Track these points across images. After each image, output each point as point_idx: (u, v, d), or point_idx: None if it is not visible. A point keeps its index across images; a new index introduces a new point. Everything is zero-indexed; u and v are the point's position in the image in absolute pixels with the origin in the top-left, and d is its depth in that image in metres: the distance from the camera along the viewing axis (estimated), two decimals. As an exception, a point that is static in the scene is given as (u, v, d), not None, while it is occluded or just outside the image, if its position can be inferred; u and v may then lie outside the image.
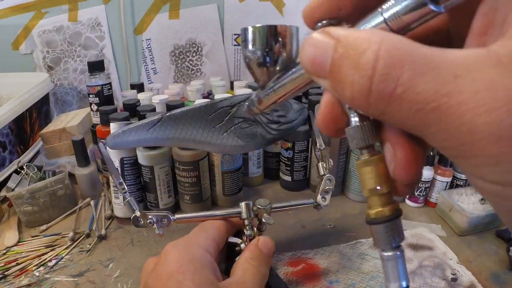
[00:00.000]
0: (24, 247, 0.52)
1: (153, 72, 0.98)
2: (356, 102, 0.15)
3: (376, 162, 0.18)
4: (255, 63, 0.27)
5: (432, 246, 0.50)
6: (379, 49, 0.14)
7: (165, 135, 0.42)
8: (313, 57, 0.16)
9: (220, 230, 0.38)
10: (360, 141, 0.18)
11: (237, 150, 0.45)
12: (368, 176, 0.18)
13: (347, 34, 0.15)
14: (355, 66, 0.14)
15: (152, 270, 0.32)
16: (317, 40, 0.16)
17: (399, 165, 0.17)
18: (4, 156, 0.64)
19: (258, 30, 0.27)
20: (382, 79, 0.13)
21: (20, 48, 0.92)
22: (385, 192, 0.18)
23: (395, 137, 0.17)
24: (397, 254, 0.18)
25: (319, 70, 0.16)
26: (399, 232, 0.18)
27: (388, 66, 0.13)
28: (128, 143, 0.41)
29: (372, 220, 0.18)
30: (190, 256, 0.32)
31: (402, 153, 0.17)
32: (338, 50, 0.15)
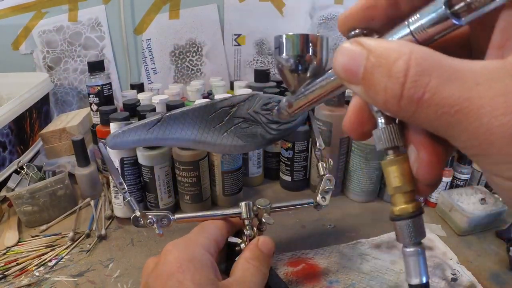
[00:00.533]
0: (24, 247, 0.52)
1: (153, 72, 0.98)
2: (388, 105, 0.16)
3: (400, 162, 0.19)
4: (287, 69, 0.29)
5: (432, 246, 0.50)
6: (410, 59, 0.15)
7: (165, 135, 0.42)
8: (346, 65, 0.17)
9: (221, 230, 0.38)
10: (386, 142, 0.19)
11: (237, 150, 0.45)
12: (393, 175, 0.19)
13: (378, 44, 0.16)
14: (387, 74, 0.16)
15: (152, 270, 0.32)
16: (350, 49, 0.17)
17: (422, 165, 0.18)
18: (4, 156, 0.64)
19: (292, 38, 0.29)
20: (412, 85, 0.15)
21: (20, 48, 0.92)
22: (409, 191, 0.19)
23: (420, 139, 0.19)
24: (419, 250, 0.19)
25: (352, 77, 0.17)
26: (421, 229, 0.19)
27: (417, 74, 0.15)
28: (128, 143, 0.41)
29: (396, 216, 0.19)
30: (190, 256, 0.32)
31: (426, 154, 0.18)
32: (370, 59, 0.16)
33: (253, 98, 0.45)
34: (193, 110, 0.43)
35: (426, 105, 0.15)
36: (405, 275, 0.20)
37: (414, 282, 0.19)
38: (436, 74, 0.15)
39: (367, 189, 0.61)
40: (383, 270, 0.46)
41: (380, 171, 0.60)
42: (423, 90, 0.15)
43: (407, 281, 0.19)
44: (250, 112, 0.45)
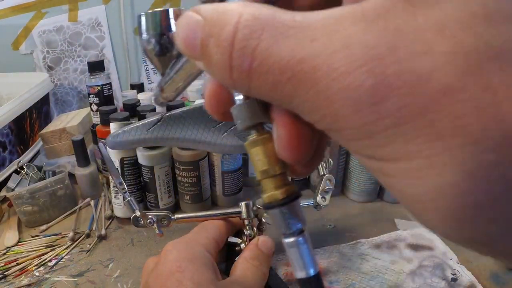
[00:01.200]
0: (24, 247, 0.52)
1: (153, 72, 0.98)
2: (224, 80, 0.14)
3: (264, 142, 0.16)
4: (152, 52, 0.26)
5: (432, 246, 0.50)
6: (238, 22, 0.12)
7: (165, 135, 0.42)
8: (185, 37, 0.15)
9: (220, 230, 0.38)
10: (245, 121, 0.16)
11: (237, 150, 0.45)
12: (257, 157, 0.17)
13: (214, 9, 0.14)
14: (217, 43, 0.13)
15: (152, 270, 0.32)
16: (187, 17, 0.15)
17: (281, 143, 0.15)
18: (4, 156, 0.64)
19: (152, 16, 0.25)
20: (239, 53, 0.12)
21: (20, 48, 0.92)
22: (277, 173, 0.16)
23: (278, 114, 0.15)
24: (299, 240, 0.17)
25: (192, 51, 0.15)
26: (297, 216, 0.16)
27: (245, 38, 0.12)
28: (128, 143, 0.41)
29: (266, 204, 0.17)
30: (190, 255, 0.32)
31: (284, 131, 0.15)
32: (205, 29, 0.14)
33: None
34: (193, 110, 0.43)
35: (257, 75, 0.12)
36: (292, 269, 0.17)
37: (299, 275, 0.17)
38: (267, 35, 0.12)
39: (367, 189, 0.61)
40: (383, 270, 0.46)
41: (380, 171, 0.60)
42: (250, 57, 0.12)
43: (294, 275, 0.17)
44: None
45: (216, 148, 0.44)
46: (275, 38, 0.12)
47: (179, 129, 0.42)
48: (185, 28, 0.14)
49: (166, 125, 0.42)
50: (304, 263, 0.17)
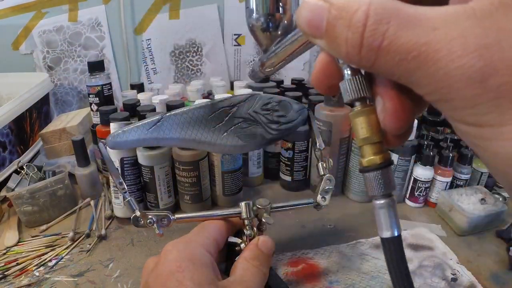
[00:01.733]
0: (24, 247, 0.52)
1: (153, 72, 0.98)
2: (350, 56, 0.17)
3: (367, 113, 0.19)
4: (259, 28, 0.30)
5: (432, 246, 0.50)
6: (368, 9, 0.15)
7: (165, 135, 0.42)
8: (309, 20, 0.17)
9: (221, 230, 0.38)
10: (352, 93, 0.19)
11: (237, 150, 0.45)
12: (361, 126, 0.19)
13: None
14: (348, 24, 0.16)
15: (152, 270, 0.32)
16: (312, 3, 0.17)
17: (388, 115, 0.18)
18: (4, 156, 0.64)
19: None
20: (371, 34, 0.15)
21: (20, 48, 0.92)
22: (376, 141, 0.19)
23: (385, 90, 0.19)
24: (389, 202, 0.19)
25: (316, 31, 0.17)
26: (390, 181, 0.19)
27: (376, 23, 0.15)
28: (128, 143, 0.41)
29: (364, 168, 0.19)
30: (190, 255, 0.32)
31: (391, 104, 0.18)
32: (332, 12, 0.16)
33: (253, 98, 0.45)
34: (193, 110, 0.43)
35: (385, 53, 0.15)
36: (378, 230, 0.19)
37: (385, 235, 0.19)
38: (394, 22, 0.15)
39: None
40: (383, 270, 0.46)
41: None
42: (381, 38, 0.15)
43: (379, 235, 0.19)
44: (250, 112, 0.45)
45: (216, 148, 0.44)
46: (402, 25, 0.15)
47: (179, 129, 0.42)
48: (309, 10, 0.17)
49: (166, 125, 0.42)
50: (391, 224, 0.19)
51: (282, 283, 0.41)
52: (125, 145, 0.41)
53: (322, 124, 0.59)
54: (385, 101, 0.18)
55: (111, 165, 0.41)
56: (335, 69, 0.20)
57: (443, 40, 0.14)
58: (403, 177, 0.59)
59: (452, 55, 0.14)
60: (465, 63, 0.13)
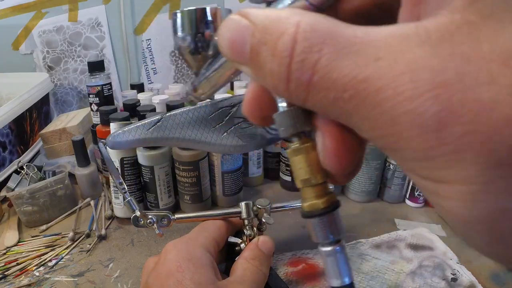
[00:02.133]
0: (24, 247, 0.52)
1: (153, 72, 0.98)
2: (277, 90, 0.14)
3: (306, 151, 0.16)
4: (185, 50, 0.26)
5: (432, 246, 0.50)
6: (296, 33, 0.12)
7: (165, 135, 0.42)
8: (231, 42, 0.14)
9: (221, 230, 0.38)
10: (288, 128, 0.16)
11: (237, 150, 0.45)
12: (299, 166, 0.16)
13: (265, 16, 0.13)
14: (272, 53, 0.13)
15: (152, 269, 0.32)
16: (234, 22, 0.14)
17: (328, 154, 0.15)
18: (4, 156, 0.64)
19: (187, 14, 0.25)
20: (299, 66, 0.12)
21: (20, 48, 0.92)
22: (319, 183, 0.16)
23: (325, 124, 0.15)
24: (337, 249, 0.17)
25: (239, 56, 0.14)
26: (337, 226, 0.17)
27: (304, 51, 0.12)
28: (128, 143, 0.41)
29: (306, 213, 0.17)
30: (190, 255, 0.32)
31: (331, 141, 0.15)
32: (255, 35, 0.14)
33: None
34: (193, 110, 0.43)
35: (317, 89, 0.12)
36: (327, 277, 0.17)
37: (335, 284, 0.17)
38: (328, 50, 0.12)
39: (367, 189, 0.61)
40: (383, 270, 0.46)
41: (380, 171, 0.60)
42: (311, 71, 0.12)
43: (329, 283, 0.17)
44: None
45: (216, 148, 0.44)
46: (337, 54, 0.12)
47: (179, 129, 0.42)
48: (232, 32, 0.14)
49: (166, 125, 0.42)
50: (340, 272, 0.17)
51: (282, 283, 0.41)
52: (125, 145, 0.41)
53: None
54: (325, 138, 0.15)
55: (111, 165, 0.41)
56: (268, 98, 0.17)
57: (387, 74, 0.11)
58: (403, 177, 0.59)
59: (399, 96, 0.11)
60: (416, 107, 0.11)
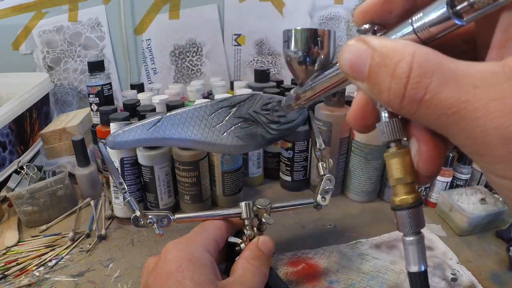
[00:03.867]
0: (24, 247, 0.52)
1: (153, 72, 0.98)
2: (391, 104, 0.17)
3: (402, 155, 0.20)
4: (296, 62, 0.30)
5: (432, 246, 0.50)
6: (412, 61, 0.16)
7: (165, 135, 0.42)
8: (352, 63, 0.18)
9: (221, 230, 0.38)
10: (389, 135, 0.20)
11: (237, 150, 0.45)
12: (395, 167, 0.20)
13: (383, 44, 0.17)
14: (391, 74, 0.17)
15: (152, 269, 0.32)
16: (355, 47, 0.18)
17: (422, 158, 0.19)
18: (4, 156, 0.64)
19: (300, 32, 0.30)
20: (414, 86, 0.16)
21: (20, 48, 0.92)
22: (409, 182, 0.20)
23: (421, 134, 0.19)
24: (418, 239, 0.20)
25: (357, 74, 0.18)
26: (420, 219, 0.20)
27: (419, 76, 0.16)
28: (128, 143, 0.41)
29: (397, 206, 0.20)
30: (190, 255, 0.32)
31: (426, 148, 0.19)
32: (375, 58, 0.17)
33: (253, 98, 0.45)
34: (193, 110, 0.43)
35: (426, 106, 0.16)
36: (405, 263, 0.20)
37: (413, 269, 0.20)
38: (437, 76, 0.15)
39: (367, 189, 0.61)
40: (383, 270, 0.46)
41: (380, 171, 0.60)
42: (424, 91, 0.16)
43: (406, 269, 0.20)
44: (250, 112, 0.45)
45: (216, 148, 0.44)
46: (444, 81, 0.15)
47: (179, 129, 0.42)
48: (353, 54, 0.18)
49: (166, 125, 0.42)
50: (419, 259, 0.20)
51: (282, 283, 0.41)
52: (125, 145, 0.41)
53: (322, 124, 0.59)
54: (421, 145, 0.19)
55: (111, 165, 0.41)
56: (372, 109, 0.21)
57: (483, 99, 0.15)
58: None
59: (490, 115, 0.14)
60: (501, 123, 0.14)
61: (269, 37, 0.96)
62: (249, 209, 0.40)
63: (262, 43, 0.96)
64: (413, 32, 0.18)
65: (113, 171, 0.40)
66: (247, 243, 0.38)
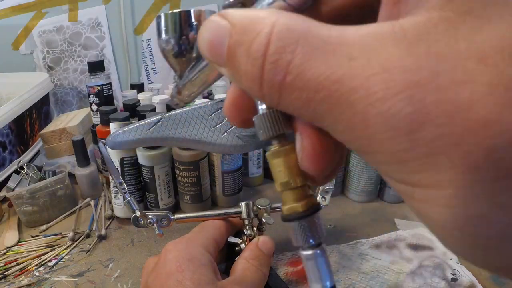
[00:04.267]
0: (24, 247, 0.52)
1: (153, 72, 0.98)
2: (252, 91, 0.14)
3: (285, 153, 0.16)
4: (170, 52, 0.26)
5: (432, 246, 0.50)
6: (271, 32, 0.12)
7: (165, 134, 0.42)
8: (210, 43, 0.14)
9: (220, 230, 0.38)
10: (267, 131, 0.16)
11: (237, 150, 0.45)
12: (278, 168, 0.16)
13: (243, 16, 0.13)
14: (247, 53, 0.13)
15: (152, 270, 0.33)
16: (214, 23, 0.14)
17: (305, 155, 0.15)
18: (4, 156, 0.64)
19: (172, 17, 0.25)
20: (272, 66, 0.12)
21: (20, 48, 0.92)
22: (298, 186, 0.16)
23: (302, 126, 0.15)
24: (317, 253, 0.16)
25: (217, 57, 0.14)
26: (317, 229, 0.16)
27: (278, 51, 0.12)
28: (128, 143, 0.41)
29: (286, 216, 0.17)
30: (189, 255, 0.32)
31: (309, 143, 0.15)
32: (233, 36, 0.13)
33: None
34: (193, 110, 0.43)
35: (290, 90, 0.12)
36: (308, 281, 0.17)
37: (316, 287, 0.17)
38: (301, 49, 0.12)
39: (367, 189, 0.61)
40: (383, 270, 0.46)
41: (380, 171, 0.60)
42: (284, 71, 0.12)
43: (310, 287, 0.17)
44: None
45: (216, 148, 0.44)
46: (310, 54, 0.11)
47: (179, 128, 0.42)
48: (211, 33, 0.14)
49: (166, 125, 0.42)
50: (321, 276, 0.17)
51: (282, 283, 0.41)
52: (125, 145, 0.41)
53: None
54: (303, 140, 0.15)
55: (111, 165, 0.41)
56: (248, 100, 0.17)
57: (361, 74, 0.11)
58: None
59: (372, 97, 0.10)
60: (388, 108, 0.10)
61: (269, 37, 0.96)
62: (249, 209, 0.40)
63: (262, 43, 0.96)
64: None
65: (113, 171, 0.40)
66: (247, 243, 0.38)
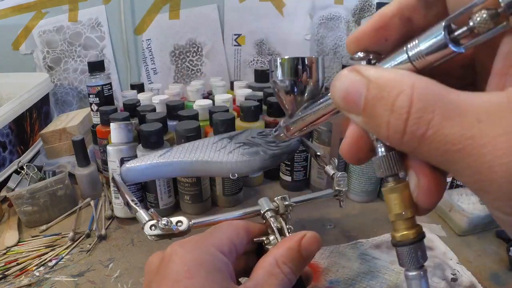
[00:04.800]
0: (24, 247, 0.52)
1: (153, 72, 0.98)
2: (390, 139, 0.16)
3: (401, 189, 0.19)
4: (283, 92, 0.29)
5: (432, 246, 0.50)
6: (412, 94, 0.15)
7: (174, 158, 0.44)
8: (345, 94, 0.17)
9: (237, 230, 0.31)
10: (386, 170, 0.19)
11: (244, 166, 0.45)
12: (394, 202, 0.19)
13: (379, 74, 0.16)
14: (390, 108, 0.16)
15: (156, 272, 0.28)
16: (349, 77, 0.17)
17: (422, 192, 0.18)
18: (4, 156, 0.64)
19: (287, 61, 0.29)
20: (415, 122, 0.15)
21: (20, 48, 0.92)
22: (410, 217, 0.19)
23: (419, 167, 0.18)
24: (421, 274, 0.19)
25: (352, 106, 0.17)
26: (422, 253, 0.19)
27: (420, 110, 0.15)
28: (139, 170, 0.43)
29: (398, 242, 0.19)
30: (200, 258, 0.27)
31: (425, 181, 0.18)
32: (371, 90, 0.16)
33: (246, 131, 0.49)
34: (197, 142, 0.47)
35: (429, 142, 0.15)
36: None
37: None
38: (439, 111, 0.15)
39: (367, 189, 0.61)
40: (383, 270, 0.46)
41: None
42: (426, 127, 0.15)
43: None
44: (249, 138, 0.48)
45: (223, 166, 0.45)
46: (447, 115, 0.15)
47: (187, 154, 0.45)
48: (347, 85, 0.17)
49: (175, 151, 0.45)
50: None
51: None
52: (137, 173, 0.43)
53: (322, 124, 0.59)
54: (420, 178, 0.18)
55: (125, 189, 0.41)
56: (366, 142, 0.20)
57: (488, 135, 0.14)
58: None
59: (497, 152, 0.14)
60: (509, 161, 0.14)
61: (269, 37, 0.96)
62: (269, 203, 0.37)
63: (262, 43, 0.97)
64: (408, 61, 0.17)
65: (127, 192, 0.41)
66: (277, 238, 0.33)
